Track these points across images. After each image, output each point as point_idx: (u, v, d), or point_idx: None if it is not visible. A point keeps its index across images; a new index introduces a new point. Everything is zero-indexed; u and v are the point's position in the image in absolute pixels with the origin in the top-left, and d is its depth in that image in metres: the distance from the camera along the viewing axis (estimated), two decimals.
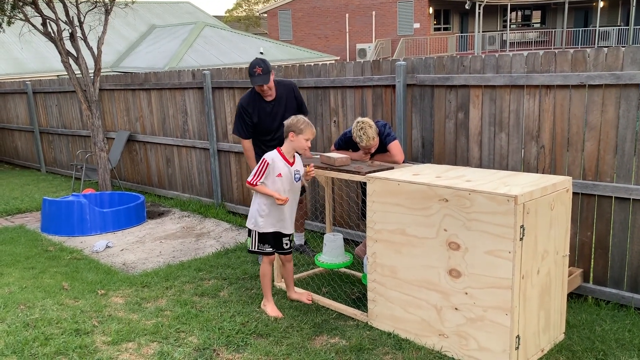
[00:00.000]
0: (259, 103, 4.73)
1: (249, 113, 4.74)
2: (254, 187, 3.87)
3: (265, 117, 4.75)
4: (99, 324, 3.83)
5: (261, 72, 4.56)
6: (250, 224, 4.01)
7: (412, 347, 3.44)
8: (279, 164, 3.84)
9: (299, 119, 3.86)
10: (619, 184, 3.90)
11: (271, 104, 4.75)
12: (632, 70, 3.74)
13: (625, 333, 3.55)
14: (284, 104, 4.77)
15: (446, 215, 3.22)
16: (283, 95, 4.78)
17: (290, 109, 4.77)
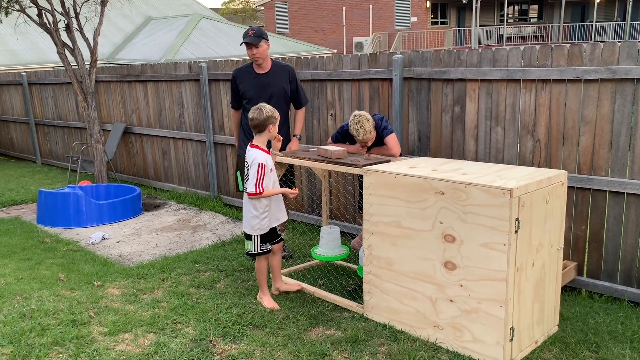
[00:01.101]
0: (249, 73, 4.71)
1: (236, 81, 4.74)
2: (261, 194, 3.76)
3: (250, 87, 4.67)
4: (96, 315, 3.84)
5: (252, 34, 4.54)
6: (251, 230, 3.89)
7: (407, 338, 3.46)
8: (268, 160, 3.81)
9: (269, 108, 3.79)
10: (613, 178, 3.93)
11: (260, 76, 4.68)
12: (628, 65, 3.76)
13: (618, 325, 3.59)
14: (274, 81, 4.69)
15: (442, 208, 3.24)
16: (276, 73, 4.71)
17: (280, 89, 4.69)
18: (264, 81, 4.68)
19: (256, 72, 4.70)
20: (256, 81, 4.68)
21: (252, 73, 4.70)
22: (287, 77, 4.76)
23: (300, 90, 4.88)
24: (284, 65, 4.81)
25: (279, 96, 4.71)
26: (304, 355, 3.27)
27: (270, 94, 4.66)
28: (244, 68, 4.79)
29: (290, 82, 4.78)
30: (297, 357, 3.27)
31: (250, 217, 3.89)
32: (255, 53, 4.58)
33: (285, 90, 4.74)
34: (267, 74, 4.70)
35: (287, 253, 5.00)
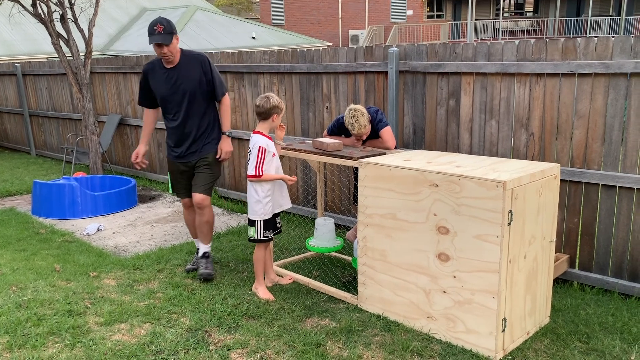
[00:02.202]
0: (160, 68, 4.22)
1: (147, 77, 4.29)
2: (260, 177, 3.83)
3: (160, 84, 4.21)
4: (92, 305, 3.86)
5: (162, 30, 4.01)
6: (255, 215, 3.94)
7: (401, 329, 3.50)
8: (270, 146, 3.87)
9: (276, 98, 3.89)
10: (606, 172, 3.97)
11: (169, 70, 4.19)
12: (622, 59, 3.79)
13: (608, 317, 3.64)
14: (185, 75, 4.17)
15: (436, 200, 3.27)
16: (185, 66, 4.18)
17: (193, 83, 4.18)
18: (172, 76, 4.18)
19: (165, 66, 4.20)
20: (165, 77, 4.20)
21: (162, 68, 4.22)
22: (200, 69, 4.21)
23: (217, 80, 4.29)
24: (196, 55, 4.27)
25: (194, 92, 4.19)
26: (299, 345, 3.30)
27: (183, 90, 4.17)
28: (155, 62, 4.28)
29: (205, 73, 4.22)
30: (291, 347, 3.31)
31: (254, 202, 3.93)
32: (166, 52, 4.07)
33: (202, 83, 4.22)
34: (175, 68, 4.19)
35: (192, 267, 4.49)
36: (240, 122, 6.52)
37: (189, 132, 4.27)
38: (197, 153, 4.30)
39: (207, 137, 4.33)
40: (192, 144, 4.29)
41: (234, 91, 6.50)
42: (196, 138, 4.28)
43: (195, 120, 4.26)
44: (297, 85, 5.81)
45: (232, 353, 3.26)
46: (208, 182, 4.31)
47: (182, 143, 4.29)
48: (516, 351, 3.25)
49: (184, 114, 4.23)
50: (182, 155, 4.32)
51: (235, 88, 6.48)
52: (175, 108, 4.23)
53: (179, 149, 4.31)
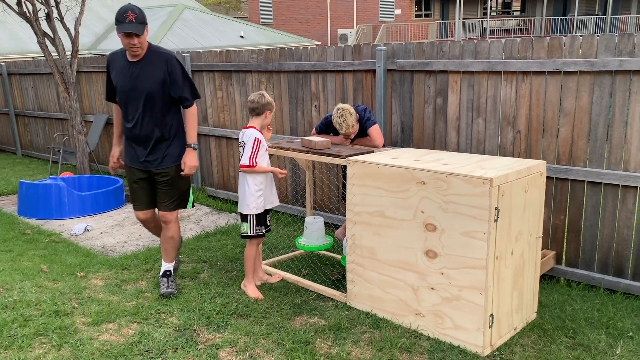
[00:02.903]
0: (121, 59, 3.82)
1: (109, 67, 3.90)
2: (253, 168, 3.85)
3: (120, 77, 3.80)
4: (79, 306, 3.83)
5: (134, 19, 3.59)
6: (246, 209, 3.94)
7: (390, 326, 3.52)
8: (263, 140, 3.90)
9: (268, 96, 3.96)
10: (591, 169, 4.01)
11: (131, 64, 3.77)
12: (606, 57, 3.83)
13: (594, 312, 3.68)
14: (146, 72, 3.74)
15: (424, 198, 3.28)
16: (151, 63, 3.76)
17: (155, 84, 3.74)
18: (134, 71, 3.75)
19: (129, 59, 3.77)
20: (127, 70, 3.77)
21: (125, 60, 3.79)
22: (165, 68, 3.75)
23: (185, 84, 3.85)
24: (164, 53, 3.81)
25: (153, 93, 3.75)
26: (288, 343, 3.31)
27: (142, 89, 3.74)
28: (119, 53, 3.86)
29: (170, 73, 3.77)
30: (280, 345, 3.31)
31: (247, 195, 3.94)
32: (135, 43, 3.65)
33: (165, 84, 3.77)
34: (139, 63, 3.75)
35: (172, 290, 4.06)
36: (229, 121, 6.50)
37: (145, 137, 3.85)
38: (156, 163, 3.88)
39: (168, 147, 3.89)
40: (150, 152, 3.86)
41: (222, 90, 6.48)
42: (154, 146, 3.86)
43: (153, 125, 3.82)
44: (285, 84, 5.81)
45: (220, 352, 3.25)
46: (173, 199, 3.98)
47: (138, 149, 3.89)
48: (503, 347, 3.28)
49: (140, 115, 3.80)
50: (141, 162, 3.90)
51: (223, 87, 6.46)
52: (132, 107, 3.80)
53: (138, 155, 3.89)
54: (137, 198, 4.03)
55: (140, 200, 4.03)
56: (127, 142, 3.95)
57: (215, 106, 6.61)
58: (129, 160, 3.97)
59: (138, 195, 4.02)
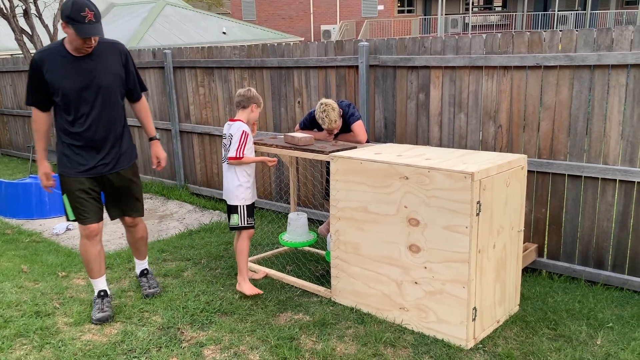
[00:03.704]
0: (62, 57, 3.33)
1: (42, 69, 3.33)
2: (241, 159, 3.82)
3: (64, 76, 3.33)
4: (61, 306, 3.79)
5: (94, 18, 3.20)
6: (236, 200, 3.89)
7: (374, 320, 3.53)
8: (250, 134, 3.88)
9: (255, 92, 3.94)
10: (572, 162, 4.06)
11: (79, 60, 3.35)
12: (585, 52, 3.87)
13: (575, 304, 3.73)
14: (101, 66, 3.40)
15: (406, 193, 3.29)
16: (106, 55, 3.43)
17: (113, 77, 3.45)
18: (86, 67, 3.35)
19: (73, 54, 3.34)
20: (74, 67, 3.34)
21: (67, 57, 3.34)
22: (120, 59, 3.51)
23: (138, 75, 3.68)
24: (114, 43, 3.53)
25: (111, 88, 3.45)
26: (273, 340, 3.30)
27: (98, 85, 3.38)
28: (53, 49, 3.37)
29: (126, 65, 3.54)
30: (265, 342, 3.30)
31: (235, 187, 3.89)
32: (93, 44, 3.30)
33: (121, 78, 3.52)
34: (89, 57, 3.36)
35: (155, 290, 3.96)
36: (212, 118, 6.46)
37: (101, 140, 3.47)
38: (111, 165, 3.54)
39: (123, 146, 3.60)
40: (107, 154, 3.51)
41: (204, 86, 6.43)
42: (112, 147, 3.53)
43: (110, 125, 3.49)
44: (268, 80, 5.79)
45: (205, 350, 3.24)
46: (141, 201, 3.76)
47: (92, 154, 3.48)
48: (487, 339, 3.31)
49: (96, 115, 3.42)
50: (92, 168, 3.48)
51: (205, 83, 6.41)
52: (85, 107, 3.39)
53: (88, 161, 3.47)
54: (87, 210, 3.51)
55: (91, 212, 3.53)
56: (69, 150, 3.46)
57: (197, 103, 6.56)
58: (74, 170, 3.47)
59: (88, 207, 3.52)
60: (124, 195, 3.68)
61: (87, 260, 3.62)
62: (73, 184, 3.49)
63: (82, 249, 3.61)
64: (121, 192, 3.66)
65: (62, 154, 3.50)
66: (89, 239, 3.57)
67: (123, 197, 3.69)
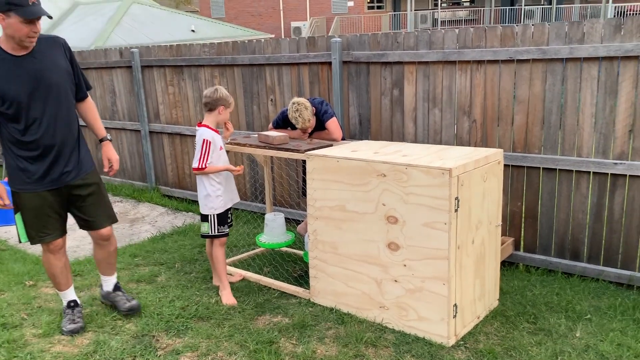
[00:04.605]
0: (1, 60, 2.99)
1: None
2: (203, 170, 3.70)
3: (7, 79, 2.98)
4: (28, 317, 3.64)
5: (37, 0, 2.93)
6: (206, 209, 3.80)
7: (354, 320, 3.48)
8: (216, 139, 3.76)
9: (225, 92, 3.76)
10: (546, 155, 4.07)
11: (22, 59, 3.02)
12: (557, 45, 3.88)
13: (553, 296, 3.74)
14: (48, 64, 3.09)
15: (384, 190, 3.25)
16: (48, 51, 3.11)
17: (59, 73, 3.13)
18: (31, 66, 3.03)
19: (11, 53, 2.99)
20: (17, 69, 3.00)
21: (6, 59, 2.99)
22: (64, 54, 3.20)
23: (82, 71, 3.36)
24: (54, 38, 3.22)
25: (62, 86, 3.15)
26: (251, 344, 3.22)
27: (48, 85, 3.07)
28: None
29: (71, 60, 3.24)
30: (244, 347, 3.22)
31: (204, 197, 3.81)
32: (37, 31, 2.97)
33: (70, 74, 3.21)
34: (32, 55, 3.03)
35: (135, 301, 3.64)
36: (182, 118, 6.32)
37: (59, 145, 3.15)
38: (74, 173, 3.23)
39: (81, 149, 3.30)
40: (68, 161, 3.20)
41: (173, 85, 6.29)
42: (71, 152, 3.22)
43: (66, 126, 3.18)
44: (239, 78, 5.68)
45: (181, 357, 3.14)
46: (108, 208, 3.44)
47: (52, 163, 3.15)
48: (468, 336, 3.29)
49: (50, 118, 3.10)
50: (55, 180, 3.17)
51: (175, 82, 6.27)
52: (36, 111, 3.06)
53: (50, 172, 3.15)
54: (49, 226, 3.24)
55: (53, 228, 3.26)
56: (25, 163, 3.11)
57: (167, 102, 6.42)
58: (33, 185, 3.14)
59: (50, 223, 3.24)
60: (91, 205, 3.34)
61: (52, 275, 3.42)
62: (32, 200, 3.16)
63: (46, 264, 3.39)
64: (89, 200, 3.33)
65: (16, 168, 3.13)
66: (53, 254, 3.35)
67: (90, 207, 3.34)
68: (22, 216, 3.22)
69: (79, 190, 3.29)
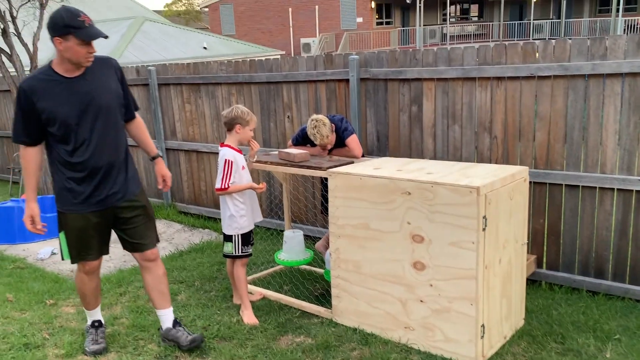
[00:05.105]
0: (52, 81, 3.01)
1: (32, 98, 2.98)
2: (226, 190, 3.68)
3: (57, 101, 2.99)
4: (50, 337, 3.62)
5: (90, 21, 2.95)
6: (230, 230, 3.79)
7: (379, 341, 3.43)
8: (238, 158, 3.76)
9: (242, 110, 3.73)
10: (569, 172, 4.03)
11: (73, 81, 3.03)
12: (579, 61, 3.86)
13: (580, 315, 3.68)
14: (98, 85, 3.08)
15: (409, 208, 3.22)
16: (99, 73, 3.11)
17: (109, 95, 3.12)
18: (82, 88, 3.03)
19: (63, 75, 3.02)
20: (69, 90, 3.01)
21: (58, 80, 3.01)
22: (115, 75, 3.21)
23: (130, 91, 3.38)
24: (106, 59, 3.22)
25: (111, 108, 3.14)
26: None
27: (98, 107, 3.06)
28: (41, 75, 3.03)
29: (122, 81, 3.25)
30: None
31: (228, 217, 3.79)
32: (93, 52, 3.00)
33: (119, 95, 3.20)
34: (84, 77, 3.05)
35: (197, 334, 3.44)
36: (199, 135, 6.34)
37: (108, 166, 3.13)
38: (120, 194, 3.20)
39: (129, 170, 3.27)
40: (115, 182, 3.18)
41: (190, 103, 6.32)
42: (118, 173, 3.19)
43: (114, 148, 3.16)
44: (256, 95, 5.70)
45: None
46: (154, 230, 3.39)
47: (98, 184, 3.13)
48: (495, 357, 3.23)
49: (98, 140, 3.08)
50: (101, 201, 3.16)
51: (191, 100, 6.30)
52: (85, 133, 3.05)
53: (96, 194, 3.14)
54: (91, 247, 3.22)
55: (94, 249, 3.23)
56: (72, 184, 3.11)
57: (183, 120, 6.44)
58: (79, 206, 3.13)
59: (92, 243, 3.21)
60: (138, 227, 3.28)
61: (82, 294, 3.40)
62: (76, 221, 3.14)
63: (79, 283, 3.35)
64: (135, 222, 3.27)
65: (63, 189, 3.13)
66: (88, 274, 3.32)
67: (137, 229, 3.28)
68: (65, 235, 3.21)
69: (125, 212, 3.24)
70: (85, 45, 2.94)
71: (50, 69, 3.04)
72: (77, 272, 3.35)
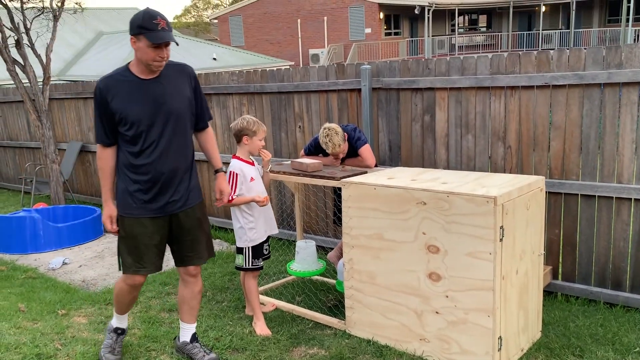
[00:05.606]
0: (126, 82, 3.01)
1: (107, 97, 2.98)
2: (231, 202, 3.64)
3: (132, 102, 2.98)
4: (62, 347, 3.60)
5: (166, 26, 2.93)
6: (240, 242, 3.78)
7: (393, 353, 3.39)
8: (246, 170, 3.73)
9: (248, 120, 3.71)
10: (584, 182, 3.99)
11: (147, 83, 3.02)
12: (594, 70, 3.83)
13: (598, 328, 3.62)
14: (171, 89, 3.06)
15: (424, 219, 3.19)
16: (173, 77, 3.10)
17: (181, 100, 3.08)
18: (155, 91, 3.02)
19: (139, 76, 3.02)
20: (143, 91, 3.00)
21: (133, 81, 3.01)
22: (188, 82, 3.16)
23: (205, 100, 3.31)
24: (182, 65, 3.20)
25: (182, 114, 3.09)
26: None
27: (169, 110, 3.03)
28: (117, 74, 3.04)
29: (195, 89, 3.20)
30: None
31: (238, 229, 3.79)
32: (165, 56, 2.98)
33: (192, 103, 3.16)
34: (158, 79, 3.03)
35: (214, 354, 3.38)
36: None
37: (171, 172, 3.06)
38: (180, 203, 3.13)
39: (192, 180, 3.20)
40: (176, 189, 3.10)
41: None
42: (180, 181, 3.11)
43: (179, 154, 3.09)
44: (267, 106, 5.70)
45: None
46: (208, 244, 3.30)
47: (161, 189, 3.07)
48: None
49: (165, 144, 3.03)
50: (161, 207, 3.09)
51: None
52: (154, 135, 3.01)
53: (158, 199, 3.08)
54: (144, 258, 3.12)
55: (148, 261, 3.14)
56: (134, 186, 3.06)
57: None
58: (134, 209, 3.08)
59: (147, 254, 3.12)
60: (193, 239, 3.20)
61: (118, 302, 3.32)
62: (133, 227, 3.08)
63: (118, 291, 3.26)
64: (189, 234, 3.19)
65: (124, 191, 3.08)
66: (130, 287, 3.22)
67: (191, 241, 3.20)
68: (123, 242, 3.15)
69: (182, 222, 3.16)
70: (154, 48, 2.91)
71: (127, 70, 3.03)
72: (119, 281, 3.25)
